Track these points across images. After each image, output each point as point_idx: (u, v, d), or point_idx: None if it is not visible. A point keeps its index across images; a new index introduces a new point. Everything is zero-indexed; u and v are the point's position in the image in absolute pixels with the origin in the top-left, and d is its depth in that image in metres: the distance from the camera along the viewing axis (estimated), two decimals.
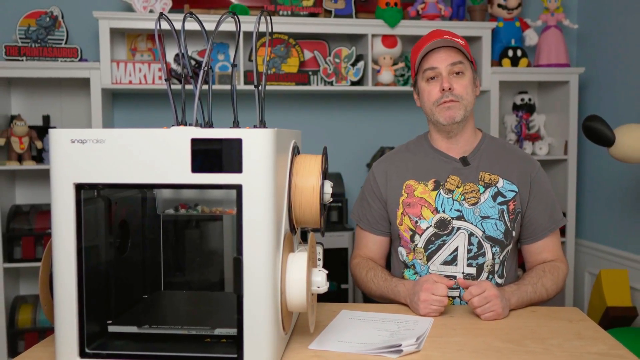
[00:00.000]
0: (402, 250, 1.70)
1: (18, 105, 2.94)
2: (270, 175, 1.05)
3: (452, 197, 1.64)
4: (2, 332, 2.71)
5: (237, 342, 1.07)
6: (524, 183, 1.67)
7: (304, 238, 1.37)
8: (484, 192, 1.64)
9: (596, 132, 2.12)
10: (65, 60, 2.74)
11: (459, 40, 1.66)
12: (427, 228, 1.64)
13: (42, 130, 2.82)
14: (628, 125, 2.18)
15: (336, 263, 2.92)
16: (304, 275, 1.13)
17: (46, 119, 2.93)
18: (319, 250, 1.33)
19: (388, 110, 3.31)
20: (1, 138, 2.69)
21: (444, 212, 1.63)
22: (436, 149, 1.72)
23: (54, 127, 2.29)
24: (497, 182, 1.65)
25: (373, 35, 2.95)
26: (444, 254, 1.63)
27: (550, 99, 3.26)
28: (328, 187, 1.23)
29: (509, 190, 1.65)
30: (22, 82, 2.92)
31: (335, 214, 3.03)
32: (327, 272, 1.20)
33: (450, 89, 1.61)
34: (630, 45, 2.91)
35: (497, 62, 3.09)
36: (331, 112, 3.27)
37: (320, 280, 1.18)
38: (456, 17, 3.07)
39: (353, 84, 2.98)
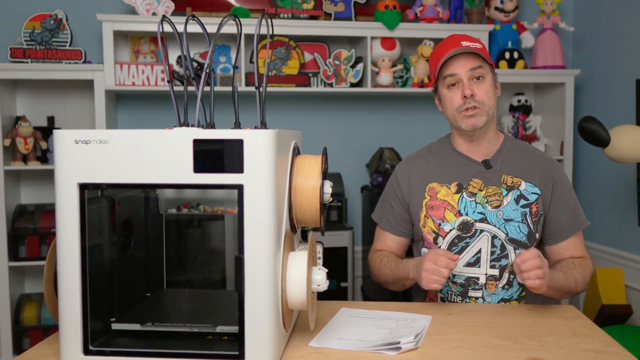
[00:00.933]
0: (425, 250, 1.69)
1: (23, 106, 2.94)
2: (271, 176, 1.05)
3: (475, 200, 1.63)
4: (7, 330, 2.71)
5: (238, 340, 1.07)
6: (546, 185, 1.65)
7: (304, 237, 1.37)
8: (506, 195, 1.63)
9: (592, 133, 2.12)
10: (70, 62, 2.74)
11: (477, 44, 1.64)
12: (450, 230, 1.63)
13: (46, 131, 2.82)
14: (623, 126, 2.18)
15: (336, 262, 2.92)
16: (304, 273, 1.13)
17: (51, 120, 2.93)
18: (319, 249, 1.33)
19: (387, 111, 3.31)
20: (6, 139, 2.69)
21: (467, 214, 1.63)
22: (459, 152, 1.71)
23: (59, 128, 2.29)
24: (520, 184, 1.64)
25: (372, 38, 2.95)
26: (467, 255, 1.62)
27: (546, 100, 3.26)
28: (328, 187, 1.23)
29: (532, 193, 1.64)
30: (27, 83, 2.92)
31: (335, 213, 3.03)
32: (327, 270, 1.20)
33: (472, 95, 1.60)
34: (625, 48, 2.91)
35: (494, 64, 3.09)
36: (331, 113, 3.27)
37: (320, 279, 1.18)
38: (454, 20, 3.07)
39: (352, 85, 2.98)
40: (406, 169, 1.75)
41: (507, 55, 3.07)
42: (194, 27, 1.31)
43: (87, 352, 1.09)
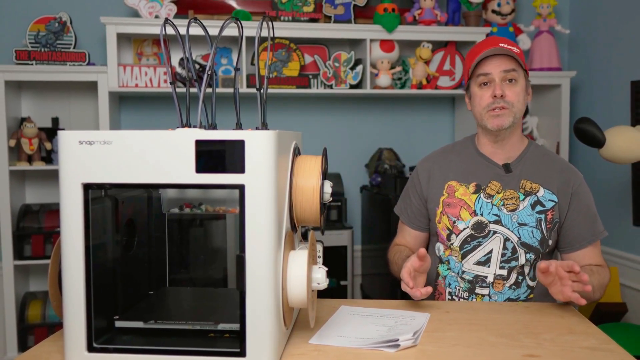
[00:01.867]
0: (439, 245, 1.71)
1: (28, 107, 2.94)
2: (272, 176, 1.05)
3: (491, 201, 1.63)
4: (12, 327, 2.71)
5: (240, 337, 1.07)
6: (564, 193, 1.64)
7: (305, 236, 1.37)
8: (523, 199, 1.63)
9: (587, 133, 2.12)
10: (74, 64, 2.74)
11: (514, 48, 1.63)
12: (464, 229, 1.63)
13: (51, 132, 2.82)
14: (618, 127, 2.18)
15: (336, 260, 2.93)
16: (304, 272, 1.13)
17: (55, 121, 2.93)
18: (319, 248, 1.33)
19: (386, 112, 3.31)
20: (12, 139, 2.69)
21: (482, 215, 1.63)
22: (481, 153, 1.70)
23: (63, 129, 2.29)
24: (538, 191, 1.63)
25: (371, 40, 2.95)
26: (478, 254, 1.63)
27: (542, 101, 3.27)
28: (328, 187, 1.23)
29: (549, 200, 1.63)
30: (32, 85, 2.92)
31: (334, 212, 3.03)
32: (326, 269, 1.20)
33: (502, 96, 1.60)
34: (619, 50, 2.91)
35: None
36: (331, 114, 3.27)
37: (320, 277, 1.18)
38: (452, 23, 3.07)
39: (352, 87, 2.98)
40: (427, 166, 1.76)
41: None
42: (196, 30, 1.31)
43: (91, 349, 1.09)
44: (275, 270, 1.07)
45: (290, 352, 1.16)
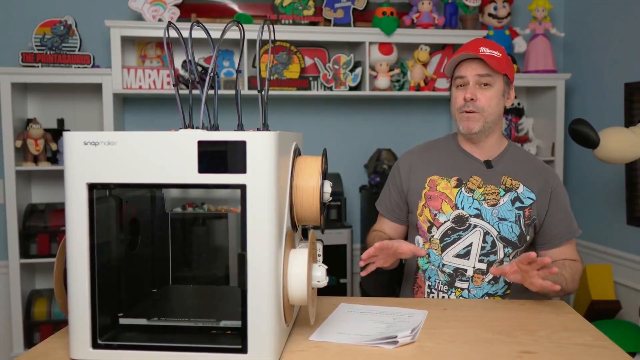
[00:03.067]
0: (419, 238, 1.71)
1: (34, 109, 2.94)
2: (273, 176, 1.05)
3: (472, 196, 1.64)
4: (18, 324, 2.71)
5: (241, 334, 1.07)
6: (544, 193, 1.66)
7: (305, 235, 1.37)
8: (503, 195, 1.64)
9: (582, 134, 2.12)
10: (79, 67, 2.73)
11: (495, 53, 1.62)
12: (445, 222, 1.64)
13: (56, 133, 2.82)
14: (612, 128, 2.18)
15: (335, 259, 2.92)
16: (304, 270, 1.13)
17: (60, 122, 2.93)
18: (319, 246, 1.33)
19: (384, 114, 3.31)
20: (18, 140, 2.69)
21: (463, 209, 1.63)
22: (463, 149, 1.72)
23: (68, 130, 2.29)
24: (518, 187, 1.65)
25: (370, 43, 2.95)
26: (458, 247, 1.63)
27: (538, 103, 3.27)
28: (327, 186, 1.23)
29: (527, 198, 1.65)
30: (38, 87, 2.92)
31: (334, 212, 3.03)
32: (326, 267, 1.20)
33: (472, 99, 1.60)
34: (613, 53, 2.91)
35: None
36: (330, 115, 3.27)
37: (320, 275, 1.18)
38: (449, 26, 3.07)
39: (351, 89, 2.98)
40: (409, 160, 1.77)
41: None
42: (198, 33, 1.31)
43: (95, 346, 1.09)
44: (276, 269, 1.07)
45: (290, 349, 1.16)
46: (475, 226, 1.62)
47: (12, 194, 2.67)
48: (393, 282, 2.66)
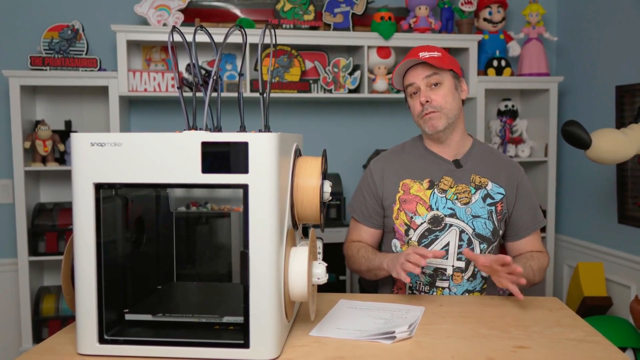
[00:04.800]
0: (396, 242, 1.70)
1: (42, 111, 2.94)
2: (274, 176, 1.05)
3: (445, 196, 1.64)
4: (27, 320, 2.71)
5: (244, 329, 1.07)
6: (511, 187, 1.67)
7: (305, 233, 1.37)
8: (474, 193, 1.64)
9: (574, 136, 2.12)
10: (86, 70, 2.73)
11: (435, 53, 1.63)
12: (422, 224, 1.64)
13: (64, 134, 2.82)
14: (603, 129, 2.18)
15: (335, 256, 2.92)
16: (305, 267, 1.13)
17: (68, 123, 2.93)
18: (319, 244, 1.33)
19: (382, 115, 3.31)
20: (27, 141, 2.69)
21: (437, 209, 1.63)
22: (430, 151, 1.72)
23: (75, 132, 2.29)
24: (487, 184, 1.66)
25: (369, 47, 2.95)
26: (436, 247, 1.63)
27: (531, 105, 3.26)
28: (327, 186, 1.23)
29: (497, 193, 1.66)
30: (46, 89, 2.92)
31: (334, 211, 3.03)
32: (326, 264, 1.20)
33: (428, 101, 1.61)
34: (605, 56, 2.91)
35: (482, 71, 3.09)
36: (330, 117, 3.27)
37: (320, 272, 1.18)
38: (445, 30, 3.07)
39: (350, 91, 2.98)
40: (380, 165, 1.75)
41: (495, 63, 3.07)
42: (202, 37, 1.32)
43: (102, 341, 1.09)
44: (278, 266, 1.07)
45: (291, 344, 1.17)
46: (450, 225, 1.63)
47: (21, 194, 2.67)
48: (391, 280, 2.66)
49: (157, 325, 1.17)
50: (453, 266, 1.63)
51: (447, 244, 1.63)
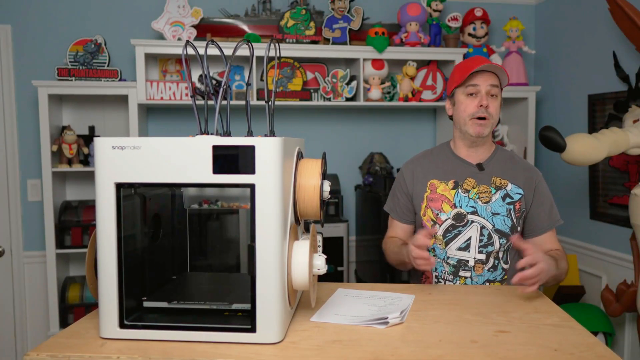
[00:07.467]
0: None
1: (68, 117, 2.94)
2: (279, 176, 1.05)
3: (468, 195, 1.64)
4: (55, 307, 2.71)
5: (251, 315, 1.07)
6: (529, 188, 1.67)
7: (307, 228, 1.37)
8: (495, 193, 1.64)
9: (550, 140, 2.12)
10: (107, 80, 2.73)
11: (501, 68, 1.63)
12: (446, 220, 1.64)
13: (88, 139, 2.82)
14: (577, 134, 2.18)
15: (333, 249, 2.92)
16: (306, 259, 1.13)
17: (91, 129, 2.93)
18: (319, 238, 1.33)
19: (376, 122, 3.31)
20: (54, 145, 2.69)
21: (461, 207, 1.64)
22: (457, 155, 1.71)
23: (98, 136, 2.29)
24: (507, 185, 1.65)
25: (364, 59, 2.95)
26: (459, 241, 1.63)
27: (511, 112, 3.26)
28: (327, 186, 1.23)
29: (516, 193, 1.65)
30: (72, 98, 2.92)
31: (332, 208, 3.03)
32: (325, 256, 1.20)
33: (487, 107, 1.60)
34: (578, 68, 2.91)
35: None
36: (329, 123, 3.27)
37: (320, 264, 1.18)
38: (433, 44, 3.07)
39: (347, 100, 2.98)
40: (411, 168, 1.75)
41: None
42: (213, 50, 1.31)
43: (122, 326, 1.09)
44: (282, 258, 1.07)
45: (294, 329, 1.16)
46: (472, 222, 1.62)
47: (49, 193, 2.67)
48: (384, 270, 2.66)
49: (173, 311, 1.17)
50: (475, 258, 1.63)
51: (469, 238, 1.63)
